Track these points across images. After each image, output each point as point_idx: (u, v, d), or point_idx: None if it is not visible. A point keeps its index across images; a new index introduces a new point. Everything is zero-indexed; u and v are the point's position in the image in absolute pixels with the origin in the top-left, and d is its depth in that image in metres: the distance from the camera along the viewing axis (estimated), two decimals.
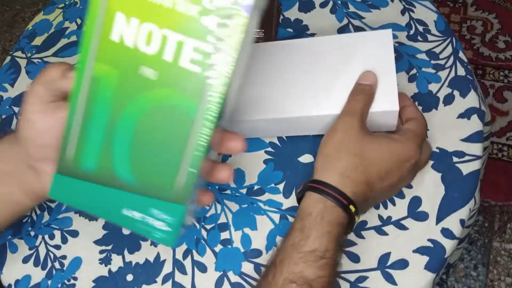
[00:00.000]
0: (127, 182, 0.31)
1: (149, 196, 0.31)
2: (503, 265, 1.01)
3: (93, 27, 0.30)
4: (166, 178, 0.30)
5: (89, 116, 0.31)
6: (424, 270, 0.42)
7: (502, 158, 1.12)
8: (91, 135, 0.31)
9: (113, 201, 0.32)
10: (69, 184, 0.32)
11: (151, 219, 0.31)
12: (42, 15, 0.64)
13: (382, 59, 0.43)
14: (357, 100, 0.40)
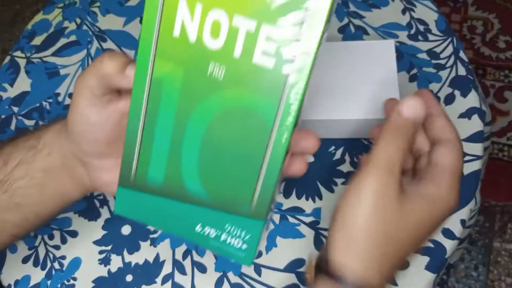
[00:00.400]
0: (198, 196, 0.28)
1: (223, 211, 0.28)
2: (503, 265, 1.01)
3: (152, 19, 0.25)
4: (242, 191, 0.27)
5: (152, 122, 0.27)
6: (424, 270, 0.41)
7: (502, 158, 1.12)
8: (156, 143, 0.28)
9: (183, 217, 0.28)
10: (134, 198, 0.29)
11: (226, 236, 0.28)
12: (42, 14, 0.64)
13: (384, 67, 0.44)
14: (397, 146, 0.28)
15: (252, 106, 0.25)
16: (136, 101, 0.28)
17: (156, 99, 0.27)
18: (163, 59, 0.26)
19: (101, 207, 0.49)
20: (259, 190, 0.27)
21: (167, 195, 0.28)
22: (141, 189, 0.29)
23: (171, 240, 0.46)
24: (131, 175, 0.29)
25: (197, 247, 0.45)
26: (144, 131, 0.28)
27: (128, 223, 0.47)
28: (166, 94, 0.27)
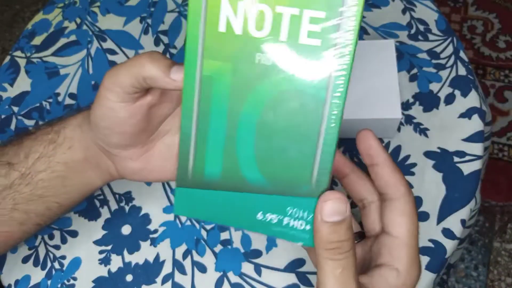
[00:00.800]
0: (257, 183, 0.28)
1: (283, 194, 0.28)
2: (503, 265, 1.01)
3: (197, 19, 0.26)
4: (300, 172, 0.27)
5: (205, 119, 0.28)
6: (424, 270, 0.41)
7: (502, 158, 1.12)
8: (210, 139, 0.28)
9: (244, 207, 0.29)
10: (193, 197, 0.30)
11: (288, 220, 0.28)
12: (42, 14, 0.64)
13: (385, 67, 0.44)
14: (340, 265, 0.26)
15: (303, 86, 0.26)
16: (187, 101, 0.28)
17: (207, 96, 0.28)
18: (211, 57, 0.27)
19: (101, 207, 0.49)
20: (317, 168, 0.27)
21: (226, 188, 0.29)
22: (199, 186, 0.29)
23: (171, 240, 0.46)
24: (188, 174, 0.29)
25: (197, 247, 0.45)
26: (198, 130, 0.28)
27: (128, 223, 0.47)
28: (217, 90, 0.27)
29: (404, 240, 0.28)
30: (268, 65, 0.26)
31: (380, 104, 0.43)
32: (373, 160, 0.29)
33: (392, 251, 0.28)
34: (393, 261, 0.28)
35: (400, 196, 0.28)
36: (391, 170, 0.29)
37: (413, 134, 0.48)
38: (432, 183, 0.45)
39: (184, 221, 0.47)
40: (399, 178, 0.28)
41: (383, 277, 0.28)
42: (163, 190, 0.48)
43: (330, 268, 0.26)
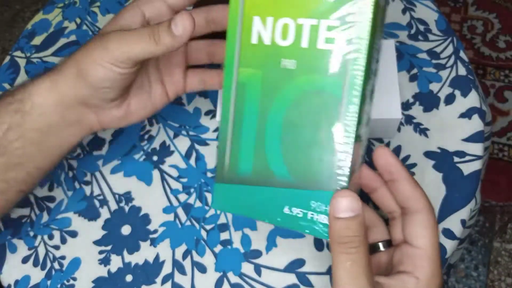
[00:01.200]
0: (283, 178, 0.31)
1: (307, 189, 0.30)
2: (503, 265, 1.01)
3: (234, 34, 0.31)
4: (323, 169, 0.29)
5: (239, 121, 0.32)
6: None
7: (503, 158, 1.12)
8: (243, 139, 0.32)
9: (272, 201, 0.31)
10: (228, 192, 0.33)
11: (312, 214, 0.30)
12: (42, 14, 0.64)
13: (385, 67, 0.44)
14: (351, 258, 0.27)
15: (322, 86, 0.29)
16: (225, 106, 0.32)
17: (241, 100, 0.31)
18: (245, 65, 0.31)
19: (101, 207, 0.49)
20: (337, 162, 0.29)
21: (256, 183, 0.32)
22: (234, 182, 0.33)
23: (171, 240, 0.46)
24: (224, 171, 0.33)
25: (197, 247, 0.45)
26: (234, 130, 0.32)
27: (128, 223, 0.47)
28: (249, 94, 0.31)
29: (428, 251, 0.29)
30: (292, 69, 0.29)
31: (380, 104, 0.43)
32: (393, 176, 0.30)
33: (414, 261, 0.29)
34: (415, 270, 0.29)
35: (422, 209, 0.29)
36: (412, 185, 0.30)
37: (413, 134, 0.48)
38: (432, 183, 0.45)
39: (184, 221, 0.47)
40: (420, 192, 0.30)
41: (403, 282, 0.28)
42: (163, 190, 0.48)
43: (341, 261, 0.27)
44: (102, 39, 0.34)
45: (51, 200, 0.50)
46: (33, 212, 0.50)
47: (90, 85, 0.34)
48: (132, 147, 0.51)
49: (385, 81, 0.44)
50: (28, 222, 0.49)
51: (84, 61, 0.34)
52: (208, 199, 0.47)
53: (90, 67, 0.33)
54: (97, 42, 0.34)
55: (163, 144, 0.51)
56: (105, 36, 0.34)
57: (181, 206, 0.47)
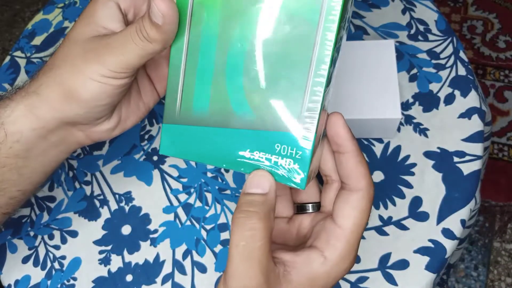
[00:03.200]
0: (246, 118, 0.26)
1: (272, 130, 0.26)
2: (503, 265, 1.01)
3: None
4: (289, 106, 0.25)
5: (195, 50, 0.27)
6: (424, 270, 0.41)
7: (502, 158, 1.12)
8: (199, 71, 0.27)
9: (231, 144, 0.27)
10: (179, 134, 0.28)
11: (276, 158, 0.26)
12: (42, 14, 0.64)
13: (384, 67, 0.44)
14: (249, 231, 0.25)
15: (295, 10, 0.24)
16: (179, 31, 0.27)
17: (197, 25, 0.26)
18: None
19: (101, 207, 0.49)
20: (307, 100, 0.25)
21: (214, 124, 0.27)
22: (186, 122, 0.28)
23: (171, 240, 0.46)
24: (176, 109, 0.28)
25: (197, 247, 0.45)
26: (188, 61, 0.27)
27: (128, 223, 0.47)
28: (207, 16, 0.26)
29: (346, 232, 0.27)
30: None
31: (380, 104, 0.43)
32: (339, 148, 0.28)
33: (329, 239, 0.27)
34: (326, 248, 0.27)
35: (358, 189, 0.27)
36: (356, 162, 0.27)
37: (413, 134, 0.48)
38: (432, 183, 0.45)
39: (184, 221, 0.47)
40: (362, 172, 0.27)
41: (308, 260, 0.27)
42: (163, 190, 0.48)
43: (235, 239, 0.25)
44: (91, 52, 0.30)
45: (51, 200, 0.50)
46: (33, 212, 0.50)
47: (84, 105, 0.31)
48: (132, 147, 0.51)
49: (385, 81, 0.44)
50: (28, 222, 0.49)
51: (73, 80, 0.30)
52: (209, 199, 0.47)
53: (82, 85, 0.30)
54: (87, 56, 0.30)
55: None
56: (93, 48, 0.30)
57: (181, 206, 0.48)
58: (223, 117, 0.27)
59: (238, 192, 0.47)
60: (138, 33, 0.28)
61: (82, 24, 0.32)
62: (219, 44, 0.26)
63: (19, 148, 0.32)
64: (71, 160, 0.52)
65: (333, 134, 0.28)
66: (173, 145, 0.28)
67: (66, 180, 0.51)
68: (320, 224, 0.29)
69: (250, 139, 0.27)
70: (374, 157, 0.47)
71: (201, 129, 0.27)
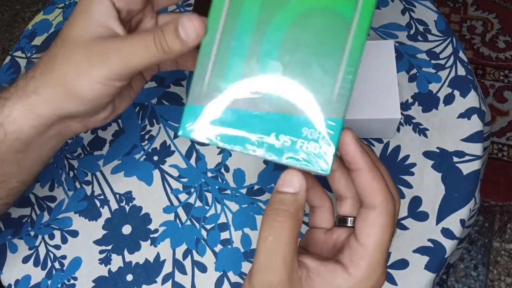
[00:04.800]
0: (273, 102, 0.27)
1: (300, 114, 0.27)
2: (503, 265, 1.01)
3: None
4: (321, 89, 0.26)
5: (230, 33, 0.27)
6: (424, 270, 0.42)
7: (502, 158, 1.12)
8: (232, 54, 0.27)
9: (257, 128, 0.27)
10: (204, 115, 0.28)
11: (302, 142, 0.27)
12: (42, 15, 0.64)
13: (384, 68, 0.44)
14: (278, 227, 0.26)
15: (333, 5, 0.26)
16: (216, 11, 0.27)
17: (236, 9, 0.27)
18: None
19: (102, 207, 0.49)
20: (338, 87, 0.26)
21: (240, 106, 0.27)
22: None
23: (171, 240, 0.46)
24: (202, 89, 0.28)
25: (197, 247, 0.45)
26: (221, 44, 0.27)
27: (128, 223, 0.48)
28: (247, 3, 0.27)
29: (369, 251, 0.27)
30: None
31: (380, 104, 0.43)
32: (351, 166, 0.28)
33: (352, 256, 0.27)
34: (350, 265, 0.27)
35: (375, 206, 0.27)
36: (369, 178, 0.27)
37: (412, 134, 0.48)
38: (432, 183, 0.45)
39: (184, 221, 0.47)
40: (376, 188, 0.27)
41: (333, 272, 0.27)
42: (164, 190, 0.49)
43: (264, 235, 0.26)
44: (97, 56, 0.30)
45: (51, 200, 0.50)
46: (33, 212, 0.50)
47: (86, 103, 0.32)
48: (132, 147, 0.51)
49: (384, 82, 0.44)
50: (28, 222, 0.49)
51: (78, 82, 0.31)
52: (209, 199, 0.47)
53: (87, 87, 0.31)
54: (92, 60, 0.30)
55: (163, 144, 0.51)
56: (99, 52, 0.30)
57: (182, 205, 0.48)
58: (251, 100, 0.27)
59: (238, 192, 0.47)
60: (157, 43, 0.29)
61: (79, 23, 0.31)
62: (256, 29, 0.27)
63: (19, 144, 0.33)
64: (72, 160, 0.52)
65: (343, 152, 0.28)
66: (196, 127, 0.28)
67: (67, 180, 0.51)
68: (347, 240, 0.29)
69: (276, 122, 0.27)
70: None
71: (225, 111, 0.27)
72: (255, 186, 0.47)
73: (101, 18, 0.31)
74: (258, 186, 0.47)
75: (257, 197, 0.47)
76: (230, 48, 0.27)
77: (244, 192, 0.47)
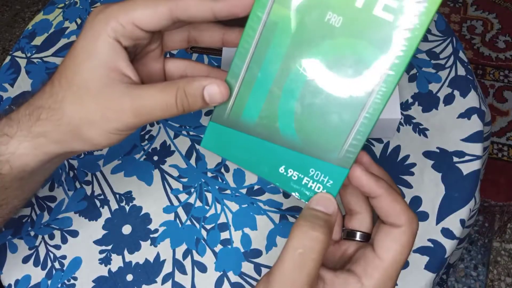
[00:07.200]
0: (289, 138, 0.28)
1: (311, 155, 0.28)
2: (503, 265, 1.01)
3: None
4: (333, 139, 0.27)
5: (258, 62, 0.28)
6: (424, 270, 0.42)
7: (502, 158, 1.12)
8: (257, 84, 0.28)
9: (270, 158, 0.29)
10: (223, 135, 0.30)
11: (308, 180, 0.29)
12: (42, 15, 0.64)
13: None
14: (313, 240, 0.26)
15: (361, 55, 0.26)
16: (245, 41, 0.28)
17: (266, 41, 0.28)
18: (282, 3, 0.27)
19: (102, 207, 0.49)
20: (352, 138, 0.27)
21: (258, 135, 0.29)
22: (233, 126, 0.30)
23: (171, 240, 0.46)
24: (225, 112, 0.30)
25: (197, 247, 0.45)
26: (248, 71, 0.28)
27: (128, 223, 0.48)
28: (278, 37, 0.27)
29: (386, 265, 0.27)
30: (335, 26, 0.26)
31: None
32: (370, 195, 0.28)
33: (367, 267, 0.28)
34: (364, 275, 0.28)
35: (399, 225, 0.28)
36: (389, 201, 0.28)
37: (412, 134, 0.48)
38: (432, 183, 0.45)
39: (184, 221, 0.47)
40: (399, 209, 0.28)
41: (346, 283, 0.28)
42: (164, 190, 0.49)
43: (293, 245, 0.27)
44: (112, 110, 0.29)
45: (51, 200, 0.50)
46: (33, 212, 0.50)
47: (95, 147, 0.32)
48: (132, 147, 0.51)
49: None
50: (28, 222, 0.49)
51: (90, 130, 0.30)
52: (209, 199, 0.47)
53: (99, 136, 0.30)
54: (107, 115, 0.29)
55: (163, 144, 0.51)
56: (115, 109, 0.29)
57: (182, 205, 0.48)
58: (268, 132, 0.29)
59: (238, 192, 0.47)
60: (179, 105, 0.29)
61: (86, 64, 0.30)
62: (283, 65, 0.28)
63: (24, 174, 0.33)
64: (72, 160, 0.52)
65: (358, 186, 0.29)
66: (215, 142, 0.31)
67: (67, 180, 0.51)
68: (361, 251, 0.30)
69: (287, 157, 0.29)
70: (373, 157, 0.47)
71: (244, 136, 0.30)
72: (255, 186, 0.47)
73: (110, 60, 0.29)
74: (258, 186, 0.47)
75: (257, 197, 0.47)
76: (254, 81, 0.29)
77: (244, 192, 0.47)
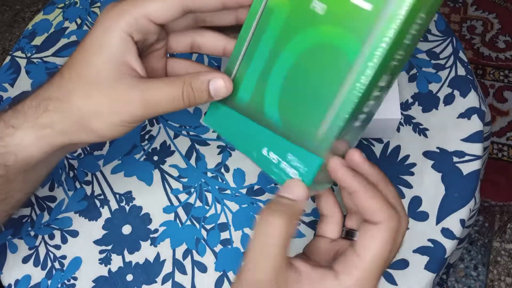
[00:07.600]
0: (272, 121, 0.30)
1: (289, 140, 0.29)
2: (503, 265, 1.01)
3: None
4: (310, 125, 0.28)
5: (255, 46, 0.30)
6: (424, 270, 0.42)
7: (502, 158, 1.12)
8: (251, 66, 0.30)
9: (255, 138, 0.31)
10: (222, 113, 0.32)
11: (285, 165, 0.29)
12: (42, 15, 0.64)
13: None
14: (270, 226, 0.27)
15: (341, 43, 0.26)
16: (247, 25, 0.30)
17: (263, 25, 0.30)
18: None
19: (102, 207, 0.49)
20: (325, 128, 0.27)
21: (247, 115, 0.31)
22: (229, 105, 0.32)
23: (171, 240, 0.46)
24: None
25: (197, 247, 0.45)
26: (246, 54, 0.31)
27: (128, 223, 0.48)
28: (272, 23, 0.29)
29: (365, 263, 0.27)
30: (319, 14, 0.27)
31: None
32: (348, 190, 0.28)
33: (345, 264, 0.28)
34: (342, 272, 0.27)
35: (378, 222, 0.27)
36: (366, 198, 0.27)
37: (412, 134, 0.48)
38: (432, 183, 0.45)
39: (184, 221, 0.47)
40: (376, 206, 0.27)
41: (323, 277, 0.28)
42: (164, 190, 0.49)
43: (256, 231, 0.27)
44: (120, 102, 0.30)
45: (51, 200, 0.50)
46: (33, 212, 0.50)
47: (102, 138, 0.32)
48: (132, 147, 0.51)
49: None
50: (28, 222, 0.49)
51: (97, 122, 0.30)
52: (209, 199, 0.48)
53: (106, 128, 0.31)
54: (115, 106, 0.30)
55: (163, 144, 0.51)
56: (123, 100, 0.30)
57: (182, 205, 0.48)
58: (255, 113, 0.31)
59: (238, 192, 0.47)
60: (185, 98, 0.30)
61: (96, 58, 0.30)
62: (273, 50, 0.29)
63: (28, 166, 0.33)
64: (72, 160, 0.52)
65: (335, 180, 0.29)
66: (215, 120, 0.33)
67: (67, 180, 0.51)
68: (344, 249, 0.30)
69: (270, 139, 0.30)
70: (373, 157, 0.47)
71: (237, 115, 0.32)
72: (255, 186, 0.47)
73: (121, 54, 0.30)
74: (258, 186, 0.47)
75: (257, 197, 0.47)
76: (250, 65, 0.31)
77: (244, 192, 0.47)
